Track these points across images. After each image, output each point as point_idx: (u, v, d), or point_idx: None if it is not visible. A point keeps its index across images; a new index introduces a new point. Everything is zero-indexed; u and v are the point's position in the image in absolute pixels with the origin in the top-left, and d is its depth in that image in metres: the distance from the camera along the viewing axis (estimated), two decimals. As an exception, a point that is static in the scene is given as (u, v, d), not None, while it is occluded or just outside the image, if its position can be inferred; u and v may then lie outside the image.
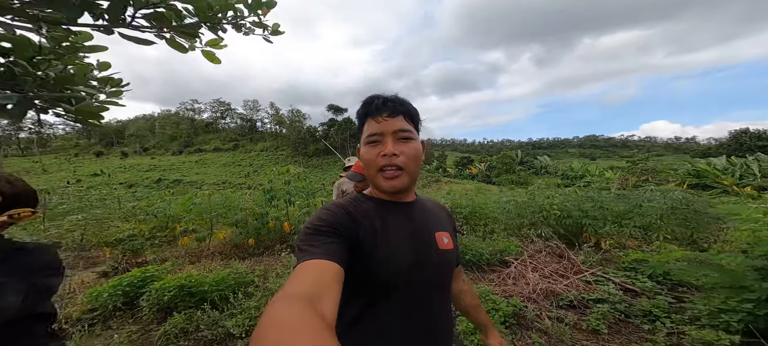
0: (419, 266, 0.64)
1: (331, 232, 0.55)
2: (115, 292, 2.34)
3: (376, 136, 0.64)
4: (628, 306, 2.34)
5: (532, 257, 3.55)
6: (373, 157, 0.64)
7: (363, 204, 0.66)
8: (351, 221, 0.60)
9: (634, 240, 3.71)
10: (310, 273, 0.46)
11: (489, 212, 5.72)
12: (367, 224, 0.62)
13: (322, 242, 0.52)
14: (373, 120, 0.65)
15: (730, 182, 16.92)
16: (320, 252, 0.50)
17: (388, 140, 0.63)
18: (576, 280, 2.87)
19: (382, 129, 0.63)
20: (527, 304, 2.61)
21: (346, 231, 0.57)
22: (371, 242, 0.60)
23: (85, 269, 3.46)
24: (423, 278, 0.64)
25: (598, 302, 2.46)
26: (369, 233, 0.61)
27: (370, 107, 0.66)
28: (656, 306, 2.30)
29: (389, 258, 0.60)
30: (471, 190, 21.45)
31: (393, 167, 0.63)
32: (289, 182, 4.30)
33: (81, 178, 44.68)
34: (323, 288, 0.43)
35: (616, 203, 4.48)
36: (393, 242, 0.62)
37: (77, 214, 4.08)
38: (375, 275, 0.59)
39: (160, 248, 4.08)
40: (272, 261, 3.76)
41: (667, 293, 2.55)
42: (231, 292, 2.54)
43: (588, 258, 3.29)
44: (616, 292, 2.51)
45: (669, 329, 1.99)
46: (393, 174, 0.63)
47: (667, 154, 76.97)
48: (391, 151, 0.62)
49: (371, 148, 0.64)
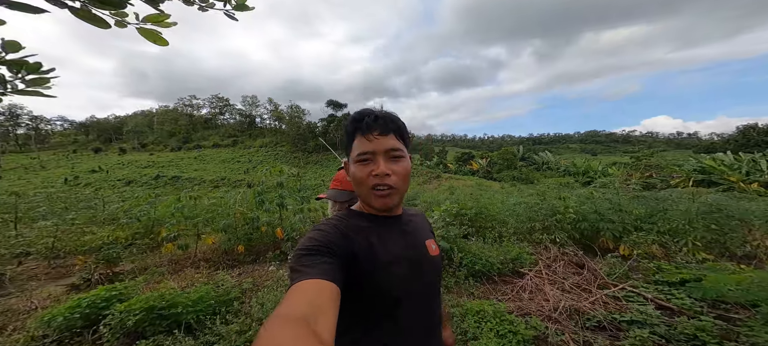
0: (417, 276, 0.66)
1: (325, 251, 0.55)
2: (72, 314, 2.01)
3: (368, 154, 0.63)
4: (670, 329, 2.02)
5: (548, 267, 3.22)
6: (364, 176, 0.63)
7: (355, 220, 0.67)
8: (344, 239, 0.60)
9: (660, 247, 3.38)
10: (305, 293, 0.45)
11: (496, 213, 5.39)
12: (361, 239, 0.62)
13: (317, 262, 0.52)
14: (363, 138, 0.64)
15: (737, 179, 16.66)
16: (315, 272, 0.49)
17: (379, 159, 0.63)
18: (602, 296, 2.55)
19: (374, 148, 0.63)
20: (548, 325, 2.29)
21: (341, 250, 0.57)
22: (369, 257, 0.60)
23: (53, 281, 3.14)
24: (421, 286, 0.66)
25: (631, 324, 2.14)
26: (365, 248, 0.61)
27: (360, 124, 0.65)
28: (702, 330, 1.97)
29: (388, 271, 0.61)
30: (472, 186, 21.18)
31: (385, 187, 0.63)
32: (282, 183, 3.95)
33: (79, 174, 44.39)
34: (319, 308, 0.42)
35: (637, 206, 4.14)
36: (390, 255, 0.63)
37: (50, 219, 3.73)
38: (375, 288, 0.59)
39: (142, 256, 3.75)
40: (262, 271, 3.43)
41: (709, 312, 2.23)
42: (211, 312, 2.22)
43: (613, 269, 2.95)
44: (654, 312, 2.18)
45: None
46: (385, 193, 0.63)
47: (668, 149, 76.48)
48: (383, 171, 0.62)
49: (362, 167, 0.64)
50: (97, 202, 6.15)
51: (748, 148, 25.11)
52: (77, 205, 5.74)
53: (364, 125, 0.63)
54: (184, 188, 33.73)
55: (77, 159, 59.38)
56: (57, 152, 67.30)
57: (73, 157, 61.02)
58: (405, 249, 0.66)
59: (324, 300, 0.44)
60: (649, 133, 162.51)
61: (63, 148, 70.83)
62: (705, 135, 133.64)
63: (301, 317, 0.38)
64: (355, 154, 0.64)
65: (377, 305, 0.60)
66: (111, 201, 6.04)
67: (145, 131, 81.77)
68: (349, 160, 0.67)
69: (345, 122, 0.68)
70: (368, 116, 0.64)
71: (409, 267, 0.65)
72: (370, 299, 0.59)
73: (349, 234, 0.61)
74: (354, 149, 0.65)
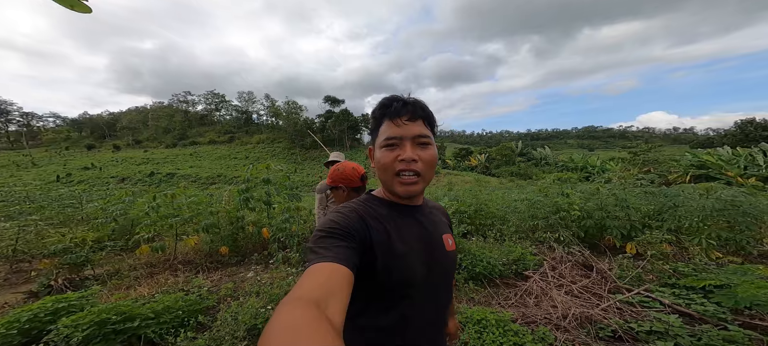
0: (430, 268, 0.65)
1: (343, 235, 0.55)
2: (9, 331, 1.73)
3: (395, 139, 0.63)
4: (696, 340, 1.78)
5: (553, 269, 2.99)
6: (390, 161, 0.63)
7: (375, 207, 0.66)
8: (364, 225, 0.60)
9: (671, 246, 3.15)
10: (320, 276, 0.45)
11: (496, 210, 5.15)
12: (380, 227, 0.62)
13: (334, 246, 0.52)
14: (391, 123, 0.63)
15: (735, 173, 16.62)
16: (331, 255, 0.50)
17: (406, 145, 0.62)
18: (615, 302, 2.32)
19: (402, 133, 0.62)
20: (557, 334, 2.05)
21: (359, 235, 0.57)
22: (384, 244, 0.60)
23: (12, 287, 2.84)
24: (433, 278, 0.66)
25: (651, 333, 1.91)
26: (382, 236, 0.61)
27: (389, 109, 0.64)
28: (731, 341, 1.75)
29: (404, 260, 0.61)
30: (470, 182, 20.98)
31: (411, 173, 0.62)
32: (268, 180, 3.66)
33: (71, 171, 43.65)
34: (332, 292, 0.43)
35: (645, 202, 3.91)
36: (407, 245, 0.63)
37: (18, 219, 3.41)
38: (387, 276, 0.59)
39: (117, 259, 3.46)
40: (247, 274, 3.16)
41: (733, 320, 2.00)
42: (178, 325, 1.96)
43: (624, 271, 2.72)
44: (676, 321, 1.94)
45: None
46: (410, 180, 0.63)
47: (665, 144, 76.88)
48: (410, 156, 0.62)
49: (388, 152, 0.63)
50: (74, 200, 5.83)
51: (745, 143, 25.10)
52: (52, 204, 5.41)
53: (392, 110, 0.63)
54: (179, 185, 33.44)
55: (70, 156, 58.42)
56: (49, 149, 66.15)
57: (66, 155, 60.02)
58: (420, 240, 0.66)
59: (336, 284, 0.45)
60: (646, 128, 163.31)
61: (55, 145, 69.62)
62: (701, 130, 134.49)
63: (314, 299, 0.39)
64: (381, 139, 0.63)
65: (387, 293, 0.60)
66: (92, 199, 5.70)
67: (139, 128, 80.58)
68: (374, 145, 0.67)
69: (373, 108, 0.68)
70: (397, 101, 0.64)
71: (423, 259, 0.64)
72: (382, 286, 0.60)
73: (368, 220, 0.61)
74: (381, 134, 0.64)
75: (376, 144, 0.65)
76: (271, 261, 2.84)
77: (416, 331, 0.63)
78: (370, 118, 0.69)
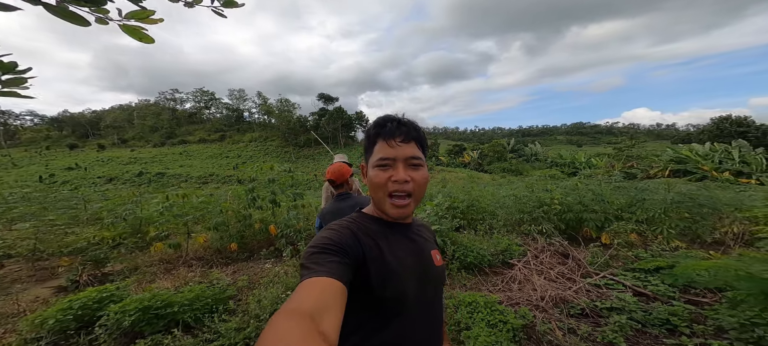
0: (422, 284, 0.67)
1: (336, 251, 0.56)
2: (64, 316, 1.97)
3: (388, 160, 0.64)
4: (647, 315, 2.17)
5: (535, 258, 3.37)
6: (383, 181, 0.64)
7: (367, 223, 0.68)
8: (356, 242, 0.61)
9: (638, 236, 3.59)
10: (314, 290, 0.46)
11: (486, 205, 5.54)
12: (372, 244, 0.63)
13: (327, 261, 0.53)
14: (385, 143, 0.64)
15: (710, 167, 17.52)
16: (325, 270, 0.50)
17: (399, 166, 0.64)
18: (585, 284, 2.70)
19: (395, 154, 0.64)
20: (536, 313, 2.42)
21: (352, 251, 0.58)
22: (377, 261, 0.61)
23: (38, 283, 3.04)
24: (425, 295, 0.67)
25: (611, 310, 2.29)
26: (374, 252, 0.62)
27: (383, 129, 0.65)
28: (674, 314, 2.14)
29: (398, 276, 0.62)
30: (464, 178, 21.50)
31: (403, 194, 0.64)
32: (273, 180, 3.91)
33: (54, 172, 42.21)
34: (326, 306, 0.43)
35: (618, 196, 4.35)
36: (400, 262, 0.64)
37: (30, 220, 3.57)
38: (380, 293, 0.60)
39: (131, 256, 3.66)
40: (257, 269, 3.43)
41: (681, 297, 2.41)
42: (207, 311, 2.23)
43: (595, 258, 3.13)
44: (631, 299, 2.34)
45: (697, 343, 1.82)
46: (402, 202, 0.64)
47: (649, 140, 79.86)
48: (403, 177, 0.63)
49: (382, 172, 0.64)
50: (77, 201, 5.92)
51: (721, 139, 26.50)
52: (56, 205, 5.51)
53: (386, 131, 0.64)
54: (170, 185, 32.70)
55: (51, 156, 56.32)
56: (29, 149, 63.55)
57: (47, 154, 57.85)
58: (412, 257, 0.67)
59: (330, 298, 0.45)
60: (632, 124, 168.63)
61: (35, 145, 66.89)
62: (682, 127, 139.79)
63: (308, 313, 0.39)
64: (375, 159, 0.65)
65: (381, 310, 0.61)
66: (93, 200, 5.81)
67: (124, 126, 78.11)
68: (368, 163, 0.68)
69: (368, 127, 0.70)
70: (391, 122, 0.65)
71: (415, 275, 0.66)
72: (375, 303, 0.60)
73: (360, 237, 0.62)
74: (374, 154, 0.66)
75: (370, 163, 0.67)
76: (284, 253, 3.11)
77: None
78: (364, 137, 0.70)
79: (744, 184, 11.23)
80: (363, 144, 0.71)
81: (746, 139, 22.51)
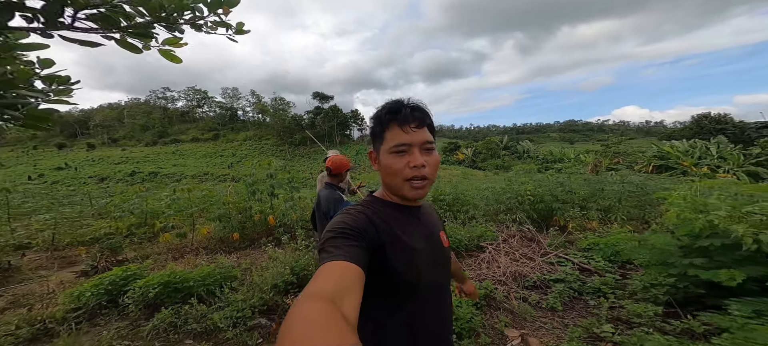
0: (435, 265, 0.71)
1: (354, 235, 0.57)
2: (97, 290, 2.34)
3: (405, 146, 0.64)
4: (582, 285, 2.64)
5: (505, 242, 3.83)
6: (401, 167, 0.65)
7: (380, 208, 0.69)
8: (372, 226, 0.62)
9: (597, 222, 4.08)
10: (333, 274, 0.47)
11: (470, 198, 6.00)
12: (387, 228, 0.65)
13: (345, 245, 0.54)
14: (400, 129, 0.64)
15: (689, 163, 18.31)
16: (343, 254, 0.51)
17: (416, 151, 0.64)
18: (541, 262, 3.17)
19: (411, 140, 0.64)
20: (498, 286, 2.86)
21: (368, 235, 0.60)
22: (393, 244, 0.63)
23: (61, 269, 3.37)
24: (437, 276, 0.71)
25: (557, 282, 2.75)
26: (389, 236, 0.64)
27: (398, 115, 0.65)
28: (605, 284, 2.60)
29: (413, 259, 0.65)
30: (458, 175, 22.01)
31: (421, 178, 0.65)
32: (273, 175, 4.30)
33: (43, 172, 41.48)
34: (345, 289, 0.44)
35: (583, 188, 4.84)
36: (413, 244, 0.66)
37: (45, 213, 3.90)
38: (399, 275, 0.62)
39: (140, 246, 4.01)
40: (258, 255, 3.82)
41: (617, 271, 2.88)
42: (217, 286, 2.61)
43: (553, 241, 3.60)
44: (573, 272, 2.80)
45: (611, 303, 2.28)
46: (421, 185, 0.66)
47: (638, 137, 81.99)
48: (421, 162, 0.64)
49: (399, 158, 0.65)
50: (79, 198, 6.19)
51: (701, 135, 27.62)
52: (62, 201, 5.79)
53: (401, 117, 0.64)
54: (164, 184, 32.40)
55: (39, 156, 55.17)
56: (15, 149, 62.07)
57: (35, 154, 56.65)
58: (424, 239, 0.70)
59: (349, 281, 0.46)
60: (622, 122, 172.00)
61: (21, 144, 65.30)
62: (669, 123, 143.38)
63: (329, 296, 0.40)
64: (390, 145, 0.65)
65: (397, 292, 0.63)
66: (98, 196, 6.10)
67: (114, 126, 76.73)
68: (380, 149, 0.68)
69: (377, 111, 0.69)
70: (405, 108, 0.65)
71: (428, 256, 0.68)
72: (392, 285, 0.62)
73: (375, 221, 0.64)
74: (388, 140, 0.65)
75: (383, 149, 0.67)
76: (284, 238, 3.50)
77: (424, 329, 0.66)
78: (373, 120, 0.69)
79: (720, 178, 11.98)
80: (371, 129, 0.70)
81: (725, 136, 23.56)
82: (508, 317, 2.33)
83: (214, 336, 2.14)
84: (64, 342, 1.90)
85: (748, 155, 17.83)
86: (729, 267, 1.52)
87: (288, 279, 2.66)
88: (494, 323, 2.28)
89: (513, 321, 2.30)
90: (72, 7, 0.95)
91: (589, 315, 2.24)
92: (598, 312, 2.23)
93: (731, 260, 1.57)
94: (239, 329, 2.14)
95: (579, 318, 2.23)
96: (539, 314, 2.37)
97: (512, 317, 2.36)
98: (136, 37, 1.15)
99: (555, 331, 2.12)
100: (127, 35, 1.13)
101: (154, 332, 2.13)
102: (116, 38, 1.13)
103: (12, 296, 2.73)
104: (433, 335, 0.69)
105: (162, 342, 2.06)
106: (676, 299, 1.91)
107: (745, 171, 16.22)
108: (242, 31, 1.40)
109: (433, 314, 0.69)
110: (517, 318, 2.34)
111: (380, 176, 0.71)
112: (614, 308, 2.27)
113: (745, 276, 1.43)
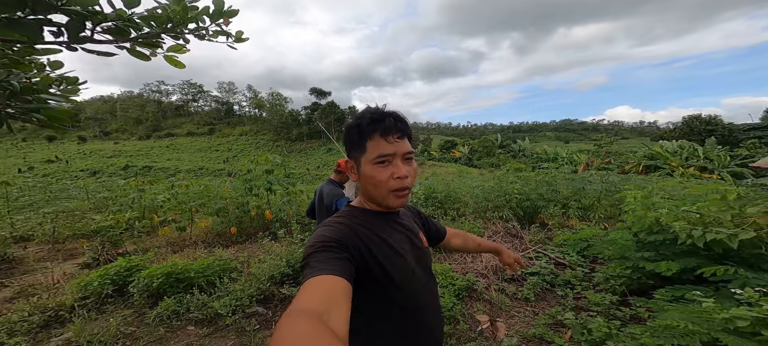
0: (418, 266, 0.73)
1: (337, 247, 0.57)
2: (104, 280, 2.50)
3: (388, 156, 0.65)
4: (555, 277, 2.87)
5: (491, 238, 4.06)
6: (385, 179, 0.65)
7: (362, 217, 0.70)
8: (355, 235, 0.63)
9: (576, 220, 4.32)
10: (319, 289, 0.46)
11: (461, 196, 6.22)
12: (370, 235, 0.65)
13: (330, 259, 0.54)
14: (383, 140, 0.64)
15: (677, 163, 18.76)
16: (328, 268, 0.51)
17: (398, 162, 0.65)
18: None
19: (395, 150, 0.65)
20: (479, 279, 3.08)
21: (351, 245, 0.60)
22: (379, 251, 0.64)
23: (64, 261, 3.50)
24: (423, 275, 0.73)
25: (532, 275, 2.97)
26: (374, 243, 0.64)
27: (381, 125, 0.65)
28: (575, 276, 2.83)
29: (398, 263, 0.66)
30: (453, 173, 22.27)
31: (404, 189, 0.66)
32: (271, 170, 4.45)
33: (34, 165, 40.76)
34: (333, 304, 0.43)
35: (567, 187, 5.09)
36: (399, 249, 0.68)
37: (44, 207, 4.01)
38: (388, 279, 0.63)
39: (140, 239, 4.14)
40: (255, 248, 3.98)
41: (588, 265, 3.12)
42: (217, 277, 2.78)
43: (534, 237, 3.83)
44: (548, 266, 3.03)
45: (576, 294, 2.51)
46: (404, 195, 0.67)
47: (631, 137, 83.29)
48: (404, 173, 0.65)
49: (383, 169, 0.65)
50: (75, 192, 6.27)
51: (691, 137, 28.25)
52: (59, 195, 5.87)
53: (384, 126, 0.64)
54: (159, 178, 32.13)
55: (29, 148, 54.11)
56: (3, 141, 60.70)
57: (24, 146, 55.52)
58: (407, 241, 0.72)
59: (337, 295, 0.45)
60: (616, 121, 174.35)
61: (10, 136, 63.89)
62: (663, 124, 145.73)
63: (316, 312, 0.40)
64: (373, 155, 0.64)
65: (385, 298, 0.63)
66: (94, 190, 6.18)
67: (107, 119, 75.42)
68: (360, 159, 0.67)
69: (354, 119, 0.68)
70: (388, 117, 0.65)
71: (412, 258, 0.70)
72: (380, 292, 0.62)
73: (358, 229, 0.64)
74: (371, 150, 0.65)
75: (365, 159, 0.66)
76: (280, 232, 3.67)
77: (416, 329, 0.67)
78: (352, 129, 0.67)
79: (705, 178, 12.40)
80: (348, 138, 0.69)
81: (714, 137, 24.14)
82: (486, 306, 2.55)
83: (214, 323, 2.32)
84: (76, 328, 2.06)
85: (734, 156, 18.33)
86: (671, 260, 1.74)
87: (284, 271, 2.84)
88: (473, 312, 2.49)
89: (490, 310, 2.51)
90: (92, 22, 1.06)
91: (557, 305, 2.47)
92: (564, 302, 2.45)
93: (672, 253, 1.78)
94: (238, 316, 2.32)
95: (548, 307, 2.45)
96: (514, 304, 2.59)
97: (490, 306, 2.57)
98: (145, 46, 1.28)
99: (526, 319, 2.35)
100: (136, 44, 1.26)
101: (158, 319, 2.29)
102: (127, 47, 1.25)
103: (19, 286, 2.87)
104: (425, 335, 0.70)
105: (166, 328, 2.23)
106: (631, 289, 2.14)
107: (730, 172, 16.73)
108: (241, 40, 1.52)
109: (423, 314, 0.70)
110: (494, 308, 2.56)
111: (361, 186, 0.71)
112: (579, 298, 2.50)
113: (679, 267, 1.65)
